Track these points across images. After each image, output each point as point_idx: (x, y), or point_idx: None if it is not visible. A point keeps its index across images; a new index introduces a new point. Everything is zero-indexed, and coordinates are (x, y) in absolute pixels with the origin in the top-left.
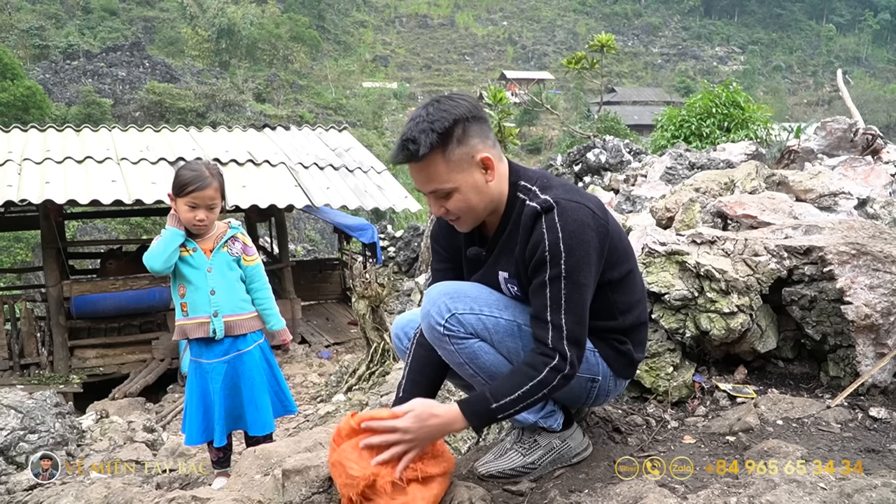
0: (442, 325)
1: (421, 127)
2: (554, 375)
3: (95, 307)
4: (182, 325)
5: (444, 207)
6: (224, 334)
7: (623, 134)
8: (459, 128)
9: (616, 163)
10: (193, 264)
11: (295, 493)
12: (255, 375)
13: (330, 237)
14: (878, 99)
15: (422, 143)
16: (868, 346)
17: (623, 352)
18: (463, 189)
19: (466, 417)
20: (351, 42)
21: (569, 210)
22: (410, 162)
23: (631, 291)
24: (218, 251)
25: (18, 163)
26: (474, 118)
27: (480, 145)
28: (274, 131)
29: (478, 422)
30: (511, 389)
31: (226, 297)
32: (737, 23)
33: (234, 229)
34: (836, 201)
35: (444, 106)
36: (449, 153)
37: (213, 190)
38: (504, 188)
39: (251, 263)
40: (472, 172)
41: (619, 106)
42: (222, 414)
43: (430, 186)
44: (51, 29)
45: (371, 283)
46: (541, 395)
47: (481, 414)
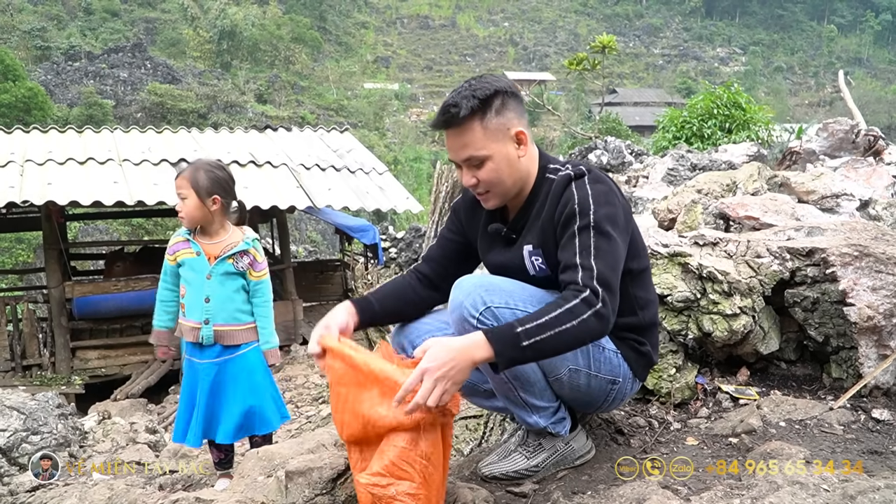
0: (476, 318)
1: (463, 94)
2: (585, 308)
3: (97, 308)
4: (180, 324)
5: (476, 178)
6: (213, 342)
7: (624, 135)
8: (499, 99)
9: (617, 164)
10: (194, 268)
11: (298, 494)
12: (249, 379)
13: (331, 238)
14: (880, 100)
15: (463, 106)
16: (871, 348)
17: (643, 353)
18: (496, 159)
19: (490, 341)
20: (352, 43)
21: (600, 178)
22: (450, 126)
23: (648, 288)
24: (222, 261)
25: (20, 164)
26: (513, 94)
27: (516, 120)
28: (275, 132)
29: (501, 346)
30: (538, 315)
31: (220, 306)
32: (738, 24)
33: (247, 244)
34: (839, 203)
35: (486, 79)
36: (487, 121)
37: (181, 178)
38: (533, 169)
39: (257, 279)
40: (506, 144)
41: (620, 107)
42: (201, 415)
43: (466, 153)
44: (52, 30)
45: (373, 283)
46: (571, 326)
47: (505, 338)
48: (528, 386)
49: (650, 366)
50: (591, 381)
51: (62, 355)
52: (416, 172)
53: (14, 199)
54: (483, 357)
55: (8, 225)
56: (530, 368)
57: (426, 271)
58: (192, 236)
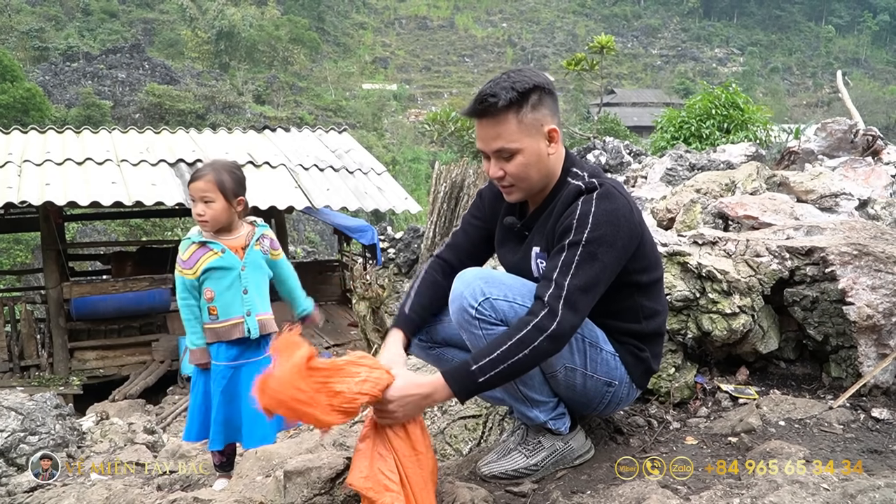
0: (475, 308)
1: (502, 85)
2: (536, 335)
3: (95, 309)
4: (214, 329)
5: (503, 170)
6: (259, 333)
7: (623, 135)
8: (536, 94)
9: (616, 164)
10: (226, 265)
11: (296, 494)
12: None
13: (330, 239)
14: (878, 100)
15: (501, 97)
16: (870, 347)
17: (642, 359)
18: (527, 153)
19: (447, 382)
20: (350, 44)
21: (610, 196)
22: (484, 116)
23: (656, 300)
24: (251, 250)
25: (18, 164)
26: (550, 92)
27: (550, 117)
28: (274, 133)
29: (458, 386)
30: (490, 350)
31: (257, 295)
32: (736, 24)
33: (262, 227)
34: (837, 202)
35: (525, 73)
36: (523, 115)
37: (205, 182)
38: (558, 169)
39: (278, 258)
40: (538, 140)
41: (618, 107)
42: (220, 419)
43: (497, 144)
44: (50, 31)
45: (371, 284)
46: (522, 356)
47: (462, 378)
48: (527, 378)
49: (649, 373)
50: (587, 382)
51: (60, 356)
52: (414, 173)
53: (12, 199)
54: (443, 398)
55: (6, 226)
56: None
57: (449, 258)
58: (207, 237)
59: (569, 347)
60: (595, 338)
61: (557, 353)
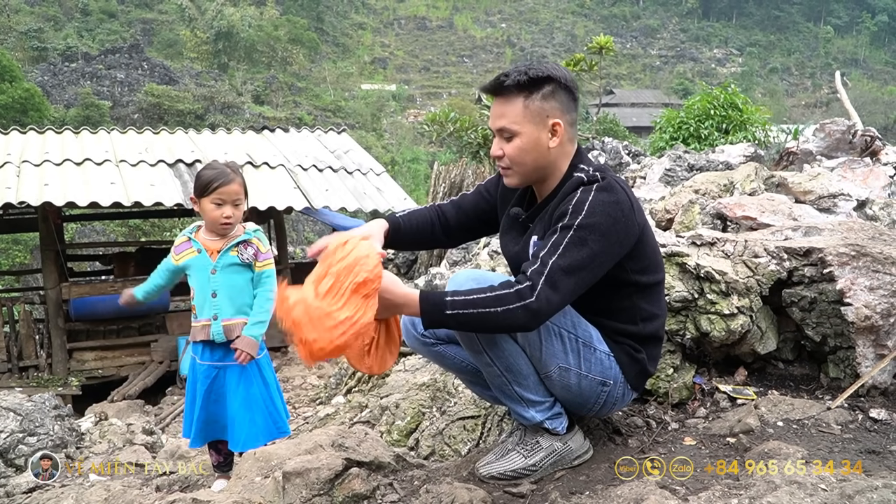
0: None
1: (519, 69)
2: (513, 299)
3: (94, 309)
4: (192, 327)
5: (502, 150)
6: (224, 338)
7: (622, 136)
8: (550, 86)
9: (615, 164)
10: (197, 266)
11: (295, 495)
12: (243, 390)
13: None
14: (876, 100)
15: (511, 78)
16: (868, 348)
17: (637, 360)
18: (524, 138)
19: (420, 301)
20: (349, 44)
21: (610, 188)
22: (495, 93)
23: (656, 303)
24: (225, 253)
25: (17, 165)
26: (567, 89)
27: (559, 112)
28: (273, 133)
29: (427, 307)
30: (469, 292)
31: (227, 300)
32: (735, 25)
33: (249, 234)
34: (836, 203)
35: (546, 63)
36: (530, 101)
37: (238, 185)
38: (563, 165)
39: (261, 269)
40: (540, 129)
41: (617, 108)
42: (202, 417)
43: (500, 123)
44: (49, 31)
45: None
46: (493, 311)
47: (433, 302)
48: (522, 379)
49: (645, 375)
50: (582, 381)
51: (59, 356)
52: (413, 173)
53: (11, 199)
54: (411, 313)
55: (5, 226)
56: (522, 361)
57: (449, 215)
58: (194, 235)
59: (563, 347)
60: (589, 337)
61: (543, 347)
